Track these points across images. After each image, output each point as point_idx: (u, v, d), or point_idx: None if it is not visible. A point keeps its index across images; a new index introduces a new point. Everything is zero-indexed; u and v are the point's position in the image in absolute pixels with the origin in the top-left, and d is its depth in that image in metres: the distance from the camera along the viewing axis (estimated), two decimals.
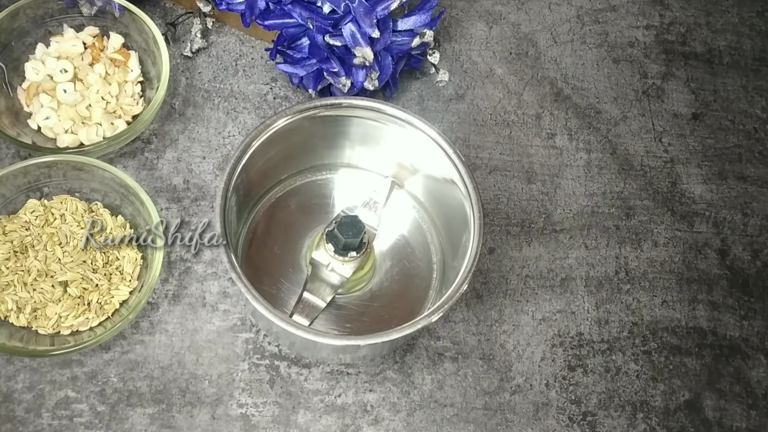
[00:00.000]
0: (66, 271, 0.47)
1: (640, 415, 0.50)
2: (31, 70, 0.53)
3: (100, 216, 0.50)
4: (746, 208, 0.59)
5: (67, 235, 0.48)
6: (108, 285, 0.47)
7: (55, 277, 0.47)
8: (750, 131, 0.62)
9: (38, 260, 0.47)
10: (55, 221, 0.49)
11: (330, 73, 0.51)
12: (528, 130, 0.59)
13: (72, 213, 0.49)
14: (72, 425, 0.45)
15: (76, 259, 0.48)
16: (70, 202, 0.49)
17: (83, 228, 0.48)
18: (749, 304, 0.55)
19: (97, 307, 0.47)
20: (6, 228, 0.48)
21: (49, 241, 0.48)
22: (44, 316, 0.46)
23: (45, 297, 0.46)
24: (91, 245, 0.48)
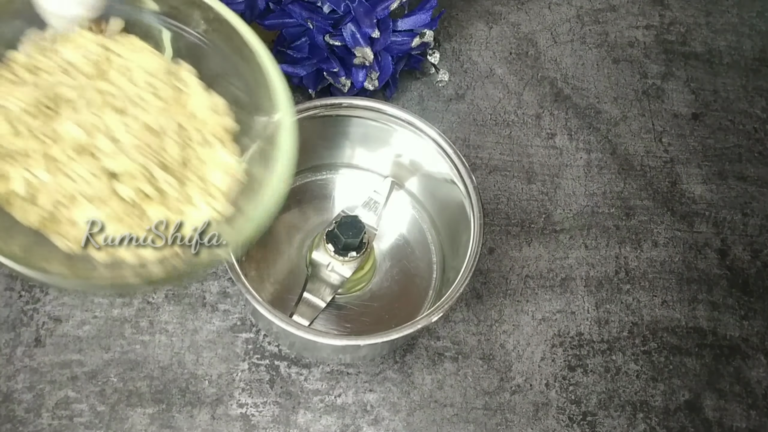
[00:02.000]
0: (119, 154, 0.29)
1: (640, 415, 0.50)
2: None
3: (187, 88, 0.32)
4: (746, 208, 0.59)
5: (131, 98, 0.30)
6: (179, 194, 0.30)
7: (100, 160, 0.29)
8: (750, 131, 0.62)
9: (77, 126, 0.29)
10: (113, 73, 0.31)
11: (330, 73, 0.51)
12: (528, 130, 0.59)
13: (145, 68, 0.31)
14: (72, 425, 0.45)
15: (138, 140, 0.29)
16: (144, 53, 0.32)
17: (158, 97, 0.30)
18: (749, 304, 0.55)
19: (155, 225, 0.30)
20: (34, 62, 0.30)
21: (100, 101, 0.30)
22: (67, 217, 0.29)
23: (76, 187, 0.28)
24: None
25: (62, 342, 0.47)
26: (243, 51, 0.31)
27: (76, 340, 0.47)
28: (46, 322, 0.47)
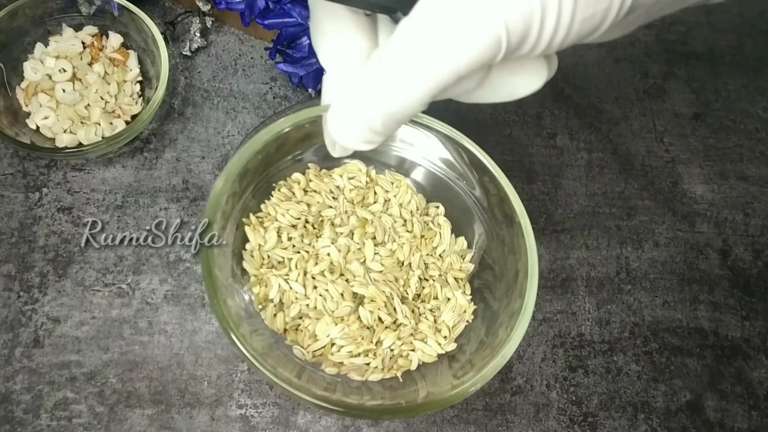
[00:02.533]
0: (368, 282, 0.31)
1: (641, 416, 0.50)
2: (29, 69, 0.53)
3: (436, 227, 0.34)
4: (748, 209, 0.58)
5: (387, 231, 0.33)
6: (412, 328, 0.32)
7: (351, 284, 0.31)
8: (751, 131, 0.62)
9: (335, 248, 0.32)
10: (375, 204, 0.34)
11: None
12: (528, 129, 0.59)
13: (403, 204, 0.35)
14: (71, 426, 0.45)
15: (388, 271, 0.32)
16: (404, 189, 0.35)
17: (410, 231, 0.33)
18: (751, 304, 0.54)
19: (383, 354, 0.31)
20: (310, 184, 0.34)
21: (359, 228, 0.33)
22: (310, 333, 0.31)
23: (323, 305, 0.31)
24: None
25: (61, 343, 0.47)
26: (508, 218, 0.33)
27: (74, 340, 0.47)
28: (44, 323, 0.47)
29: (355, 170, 0.35)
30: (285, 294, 0.31)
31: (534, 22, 0.21)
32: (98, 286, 0.49)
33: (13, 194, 0.51)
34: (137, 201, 0.52)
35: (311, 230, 0.33)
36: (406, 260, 0.33)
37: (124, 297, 0.49)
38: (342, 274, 0.32)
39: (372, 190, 0.35)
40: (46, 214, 0.51)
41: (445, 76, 0.22)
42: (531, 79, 0.26)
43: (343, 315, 0.31)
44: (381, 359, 0.31)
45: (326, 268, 0.31)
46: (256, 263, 0.32)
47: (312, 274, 0.31)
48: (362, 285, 0.31)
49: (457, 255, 0.34)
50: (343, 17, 0.26)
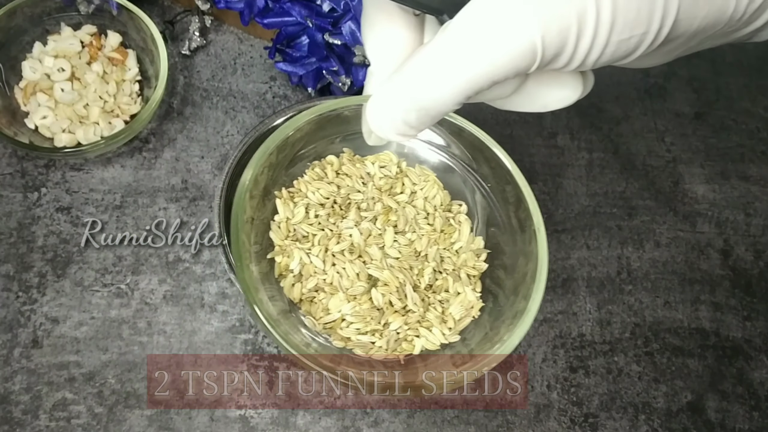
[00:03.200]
0: (384, 267, 0.33)
1: (642, 417, 0.49)
2: (28, 68, 0.52)
3: (457, 224, 0.36)
4: (749, 208, 0.58)
5: (409, 221, 0.35)
6: (419, 316, 0.33)
7: (367, 266, 0.33)
8: (753, 131, 0.62)
9: (358, 231, 0.33)
10: (401, 194, 0.36)
11: (329, 71, 0.51)
12: (529, 129, 0.59)
13: (428, 198, 0.36)
14: (70, 427, 0.45)
15: (404, 259, 0.34)
16: (431, 183, 0.36)
17: (431, 224, 0.35)
18: (752, 305, 0.54)
19: (388, 336, 0.32)
20: (343, 167, 0.36)
21: (383, 215, 0.34)
22: (323, 306, 0.33)
23: (339, 282, 0.33)
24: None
25: (60, 343, 0.47)
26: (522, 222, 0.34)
27: (73, 341, 0.47)
28: (43, 323, 0.47)
29: (387, 160, 0.36)
30: (305, 267, 0.33)
31: (570, 37, 0.22)
32: (97, 287, 0.49)
33: (11, 194, 0.51)
34: (136, 201, 0.52)
35: (338, 211, 0.34)
36: (423, 251, 0.34)
37: (123, 297, 0.48)
38: (360, 255, 0.33)
39: (401, 180, 0.36)
40: (44, 214, 0.50)
41: (480, 78, 0.23)
42: (566, 93, 0.27)
43: (356, 294, 0.32)
44: (386, 340, 0.32)
45: (347, 247, 0.33)
46: (282, 234, 0.33)
47: (332, 252, 0.33)
48: (378, 268, 0.33)
49: (473, 253, 0.35)
50: (393, 14, 0.28)
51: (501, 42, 0.22)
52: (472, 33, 0.22)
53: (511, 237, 0.35)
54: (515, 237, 0.34)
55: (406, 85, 0.25)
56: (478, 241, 0.36)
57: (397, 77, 0.25)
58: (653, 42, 0.23)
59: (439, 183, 0.36)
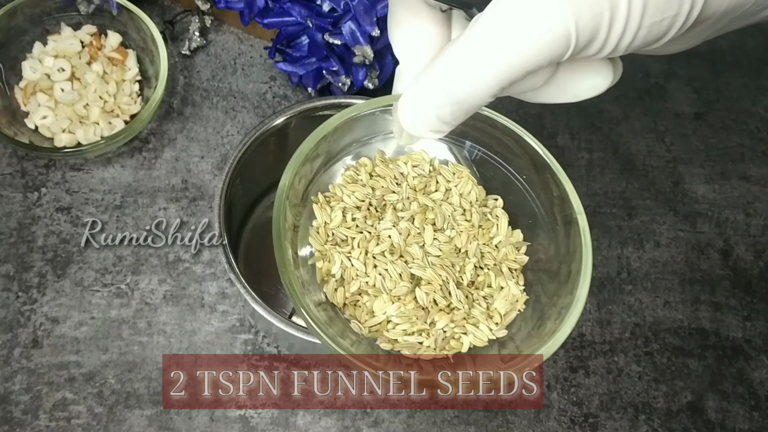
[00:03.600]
0: (426, 265, 0.33)
1: (642, 417, 0.49)
2: (28, 68, 0.53)
3: (494, 219, 0.36)
4: (749, 208, 0.58)
5: (447, 218, 0.35)
6: (465, 313, 0.33)
7: (409, 265, 0.33)
8: (753, 131, 0.62)
9: (396, 230, 0.33)
10: (436, 192, 0.35)
11: (330, 71, 0.51)
12: (529, 129, 0.58)
13: (463, 195, 0.36)
14: (69, 427, 0.45)
15: (445, 256, 0.34)
16: (465, 180, 0.36)
17: (468, 220, 0.35)
18: (752, 305, 0.54)
19: (435, 335, 0.32)
20: (376, 169, 0.35)
21: (419, 214, 0.34)
22: (368, 309, 0.32)
23: (382, 283, 0.32)
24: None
25: (60, 343, 0.47)
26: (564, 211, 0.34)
27: (73, 341, 0.47)
28: (43, 323, 0.47)
29: (419, 159, 0.36)
30: (346, 270, 0.33)
31: (603, 22, 0.22)
32: (97, 287, 0.49)
33: (11, 194, 0.51)
34: (136, 201, 0.52)
35: (374, 213, 0.34)
36: (463, 248, 0.34)
37: (123, 297, 0.48)
38: (401, 255, 0.33)
39: (434, 179, 0.36)
40: (44, 214, 0.50)
41: (514, 68, 0.22)
42: (597, 80, 0.27)
43: (400, 294, 0.32)
44: (434, 339, 0.32)
45: (387, 248, 0.33)
46: (321, 239, 0.33)
47: (373, 254, 0.33)
48: (420, 267, 0.33)
49: (513, 246, 0.35)
50: (420, 11, 0.28)
51: (535, 30, 0.22)
52: (505, 22, 0.22)
53: (551, 227, 0.35)
54: (555, 227, 0.34)
55: (439, 80, 0.24)
56: (516, 234, 0.36)
57: (428, 73, 0.25)
58: (684, 23, 0.23)
59: (473, 178, 0.36)
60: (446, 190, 0.36)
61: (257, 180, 0.49)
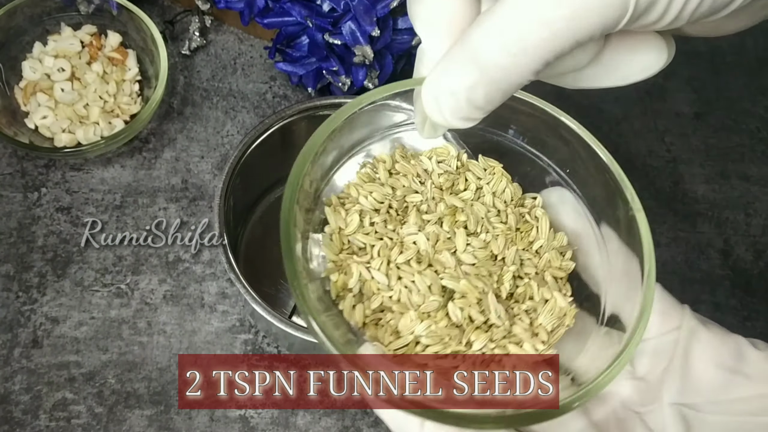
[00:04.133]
0: (460, 276, 0.28)
1: None
2: (28, 68, 0.53)
3: (533, 220, 0.31)
4: (749, 208, 0.58)
5: (480, 221, 0.30)
6: (505, 330, 0.28)
7: (440, 276, 0.28)
8: (753, 131, 0.62)
9: (423, 235, 0.28)
10: (466, 191, 0.31)
11: (330, 71, 0.51)
12: None
13: (497, 193, 0.31)
14: (69, 427, 0.45)
15: (481, 264, 0.29)
16: (498, 176, 0.31)
17: (504, 222, 0.30)
18: (752, 305, 0.54)
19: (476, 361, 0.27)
20: (396, 165, 0.31)
21: (448, 216, 0.29)
22: (392, 328, 0.27)
23: (408, 298, 0.27)
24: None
25: (60, 343, 0.47)
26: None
27: (73, 341, 0.47)
28: (43, 323, 0.47)
29: (445, 153, 0.31)
30: (366, 284, 0.28)
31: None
32: (97, 287, 0.49)
33: (11, 194, 0.51)
34: (136, 201, 0.52)
35: (395, 216, 0.29)
36: (500, 254, 0.29)
37: (123, 297, 0.48)
38: (431, 264, 0.28)
39: (463, 176, 0.31)
40: (44, 214, 0.50)
41: (562, 39, 0.19)
42: (649, 59, 0.24)
43: (431, 310, 0.27)
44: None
45: (413, 257, 0.28)
46: (335, 248, 0.29)
47: (396, 264, 0.28)
48: (453, 278, 0.28)
49: (557, 251, 0.30)
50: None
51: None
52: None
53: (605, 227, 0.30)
54: (609, 226, 0.30)
55: (470, 55, 0.21)
56: (560, 237, 0.31)
57: (457, 50, 0.21)
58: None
59: (507, 175, 0.31)
60: (477, 189, 0.31)
61: (257, 180, 0.49)
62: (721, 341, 0.28)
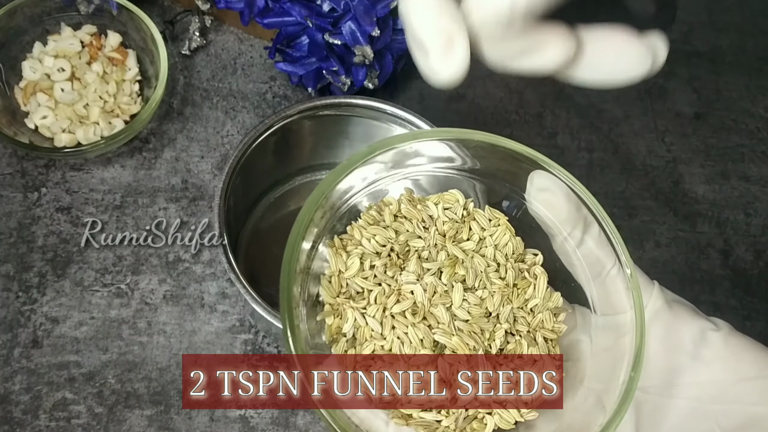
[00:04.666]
0: (452, 332, 0.29)
1: None
2: (28, 68, 0.52)
3: (531, 278, 0.31)
4: (749, 209, 0.58)
5: (479, 275, 0.30)
6: (488, 397, 0.28)
7: (433, 330, 0.29)
8: (753, 131, 0.62)
9: (421, 287, 0.29)
10: (468, 241, 0.31)
11: (330, 71, 0.51)
12: (529, 129, 0.59)
13: (498, 246, 0.31)
14: (69, 427, 0.45)
15: (474, 321, 0.29)
16: (502, 229, 0.31)
17: (503, 278, 0.30)
18: (752, 305, 0.54)
19: (457, 413, 0.28)
20: (401, 210, 0.31)
21: (448, 267, 0.30)
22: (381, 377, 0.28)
23: (399, 348, 0.28)
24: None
25: (60, 343, 0.47)
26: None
27: (73, 341, 0.47)
28: (43, 323, 0.47)
29: (452, 200, 0.32)
30: (360, 330, 0.28)
31: None
32: (97, 287, 0.49)
33: (11, 194, 0.51)
34: (136, 201, 0.52)
35: (396, 261, 0.30)
36: (494, 311, 0.30)
37: (123, 297, 0.48)
38: (425, 317, 0.29)
39: (467, 225, 0.31)
40: (44, 214, 0.50)
41: None
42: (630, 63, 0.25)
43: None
44: (454, 418, 0.28)
45: (409, 308, 0.29)
46: (333, 291, 0.29)
47: (392, 312, 0.29)
48: (446, 333, 0.28)
49: (550, 312, 0.31)
50: None
51: None
52: None
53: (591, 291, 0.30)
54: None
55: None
56: (556, 297, 0.31)
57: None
58: None
59: (511, 228, 0.32)
60: (480, 239, 0.31)
61: (257, 180, 0.49)
62: (684, 324, 0.29)
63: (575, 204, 0.30)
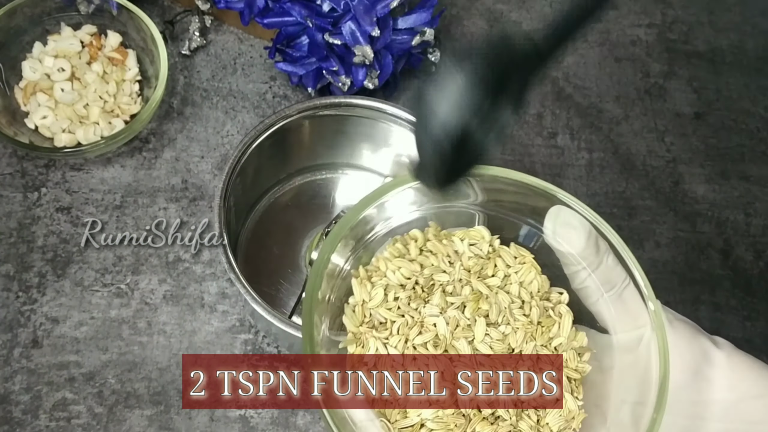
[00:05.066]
0: (474, 365, 0.29)
1: None
2: (28, 68, 0.52)
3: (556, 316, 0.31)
4: (749, 209, 0.58)
5: (503, 311, 0.30)
6: (511, 425, 0.29)
7: (454, 363, 0.29)
8: (753, 131, 0.62)
9: (443, 319, 0.29)
10: (493, 278, 0.31)
11: (330, 71, 0.51)
12: (529, 129, 0.59)
13: (523, 284, 0.31)
14: (69, 427, 0.45)
15: (495, 357, 0.29)
16: (527, 267, 0.31)
17: (527, 315, 0.30)
18: (752, 305, 0.54)
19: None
20: (428, 243, 0.31)
21: (472, 302, 0.30)
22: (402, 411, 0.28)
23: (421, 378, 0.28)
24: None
25: (60, 343, 0.47)
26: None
27: (73, 341, 0.47)
28: (43, 323, 0.47)
29: (478, 237, 0.32)
30: (381, 360, 0.29)
31: None
32: (97, 287, 0.49)
33: (11, 194, 0.51)
34: (136, 201, 0.52)
35: (420, 293, 0.30)
36: (517, 348, 0.30)
37: (123, 297, 0.48)
38: (446, 350, 0.29)
39: (493, 261, 0.31)
40: (44, 214, 0.50)
41: None
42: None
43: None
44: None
45: (430, 340, 0.29)
46: (356, 320, 0.29)
47: (414, 343, 0.29)
48: (467, 367, 0.29)
49: (575, 351, 0.30)
50: None
51: None
52: None
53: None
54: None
55: None
56: (581, 337, 0.31)
57: None
58: None
59: (537, 266, 0.31)
60: (504, 276, 0.31)
61: (257, 180, 0.49)
62: (687, 343, 0.29)
63: (594, 239, 0.31)
